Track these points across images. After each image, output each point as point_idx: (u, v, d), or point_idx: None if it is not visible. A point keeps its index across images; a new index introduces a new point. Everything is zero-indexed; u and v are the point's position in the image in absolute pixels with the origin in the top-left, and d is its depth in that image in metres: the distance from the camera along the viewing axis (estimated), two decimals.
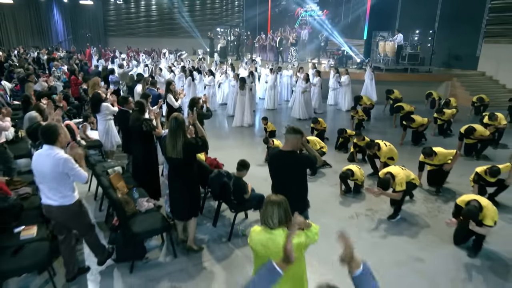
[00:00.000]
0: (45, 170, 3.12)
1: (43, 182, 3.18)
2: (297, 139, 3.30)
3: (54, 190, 3.19)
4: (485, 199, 4.16)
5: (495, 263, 4.08)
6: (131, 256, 3.85)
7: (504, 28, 14.52)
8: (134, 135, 4.61)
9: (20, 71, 11.16)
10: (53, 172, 3.11)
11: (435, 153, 5.72)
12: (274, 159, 3.44)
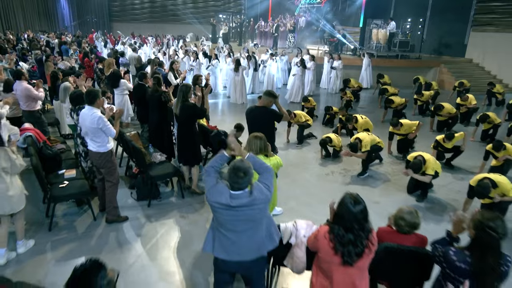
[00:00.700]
0: (86, 124, 4.14)
1: (86, 134, 4.21)
2: (269, 100, 4.35)
3: (93, 139, 4.22)
4: (429, 154, 5.18)
5: (436, 206, 5.15)
6: (149, 195, 4.93)
7: (491, 17, 15.37)
8: (152, 105, 5.62)
9: (38, 52, 12.12)
10: (91, 126, 4.12)
11: (401, 124, 6.74)
12: (249, 112, 4.50)
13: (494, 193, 4.27)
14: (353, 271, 2.21)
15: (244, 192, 2.34)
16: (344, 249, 2.16)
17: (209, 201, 2.40)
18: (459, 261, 2.10)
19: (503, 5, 14.87)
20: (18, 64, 11.86)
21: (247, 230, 2.39)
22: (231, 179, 2.32)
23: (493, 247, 2.02)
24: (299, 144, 7.60)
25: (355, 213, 2.16)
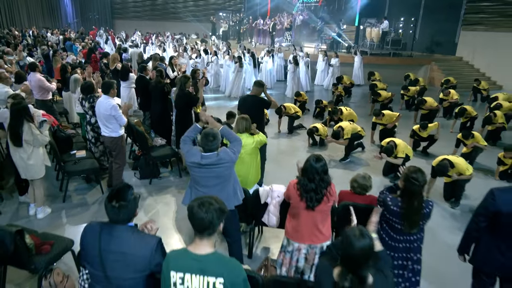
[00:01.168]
0: (101, 111, 4.74)
1: (100, 120, 4.82)
2: (259, 89, 4.94)
3: (106, 125, 4.82)
4: (400, 140, 5.79)
5: None
6: (150, 174, 5.55)
7: (481, 17, 15.93)
8: (155, 95, 6.20)
9: (44, 48, 12.72)
10: (105, 113, 4.73)
11: (383, 114, 7.35)
12: (243, 100, 5.10)
13: (452, 172, 4.88)
14: (315, 214, 2.81)
15: (213, 154, 2.95)
16: (308, 195, 2.76)
17: (187, 162, 3.03)
18: (393, 205, 2.70)
19: (492, 5, 15.43)
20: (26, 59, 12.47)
21: (216, 185, 3.01)
22: (203, 143, 2.93)
23: (416, 193, 2.61)
24: (289, 134, 8.21)
25: (316, 168, 2.75)
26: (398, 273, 2.80)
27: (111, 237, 1.95)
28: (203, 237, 1.77)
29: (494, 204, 2.47)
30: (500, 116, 7.74)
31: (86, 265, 2.04)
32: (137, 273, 1.95)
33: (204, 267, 1.71)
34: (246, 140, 3.82)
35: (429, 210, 2.66)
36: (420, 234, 2.75)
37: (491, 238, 2.57)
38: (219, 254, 1.80)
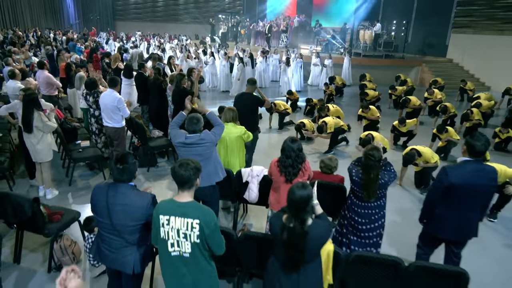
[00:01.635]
0: (106, 103, 5.28)
1: (104, 111, 5.35)
2: (252, 87, 5.46)
3: (110, 116, 5.35)
4: (376, 133, 6.31)
5: None
6: (148, 163, 6.08)
7: (470, 20, 16.48)
8: (153, 91, 6.73)
9: (49, 48, 13.27)
10: (111, 104, 5.26)
11: (369, 108, 7.91)
12: (239, 97, 5.61)
13: (419, 160, 5.40)
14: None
15: (196, 135, 3.48)
16: (286, 170, 3.29)
17: (174, 143, 3.57)
18: (355, 176, 3.23)
19: (480, 8, 15.98)
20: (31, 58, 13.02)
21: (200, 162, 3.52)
22: (188, 125, 3.47)
23: (372, 167, 3.12)
24: (280, 130, 8.74)
25: (292, 147, 3.29)
26: (364, 235, 3.30)
27: (116, 193, 2.48)
28: (184, 190, 2.29)
29: (447, 179, 2.96)
30: (476, 113, 8.26)
31: (96, 217, 2.56)
32: (135, 221, 2.47)
33: (185, 211, 2.23)
34: (232, 129, 4.34)
35: (384, 181, 3.17)
36: (381, 201, 3.27)
37: (444, 208, 3.08)
38: (197, 203, 2.32)
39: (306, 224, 2.19)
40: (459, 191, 2.94)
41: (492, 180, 2.97)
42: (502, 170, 4.67)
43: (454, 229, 3.08)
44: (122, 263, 2.53)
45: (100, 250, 2.60)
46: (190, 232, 2.20)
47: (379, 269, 2.67)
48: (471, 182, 2.91)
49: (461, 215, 3.03)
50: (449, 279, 2.54)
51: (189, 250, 2.24)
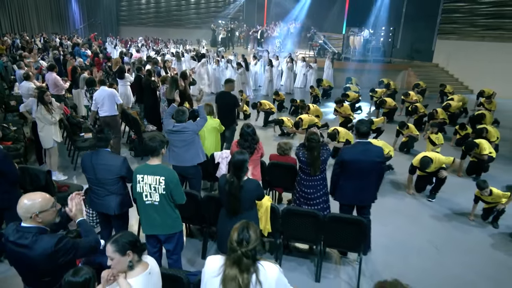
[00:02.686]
0: (105, 94, 6.24)
1: (103, 101, 6.30)
2: (231, 85, 6.37)
3: (106, 106, 6.30)
4: (342, 128, 7.18)
5: None
6: (142, 153, 6.98)
7: (454, 27, 17.36)
8: (146, 89, 7.67)
9: (56, 52, 14.27)
10: (108, 97, 6.22)
11: (342, 104, 8.82)
12: (219, 95, 6.52)
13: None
14: (249, 163, 4.20)
15: (182, 124, 4.38)
16: (244, 148, 4.16)
17: (165, 130, 4.46)
18: (302, 157, 4.11)
19: (463, 16, 16.86)
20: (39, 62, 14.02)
21: (184, 146, 4.44)
22: (175, 116, 4.39)
23: (314, 147, 3.98)
24: (264, 127, 9.64)
25: (248, 132, 4.18)
26: (313, 202, 4.15)
27: (98, 156, 3.48)
28: (154, 156, 3.18)
29: (341, 156, 3.86)
30: (441, 113, 9.11)
31: (86, 174, 3.54)
32: (113, 175, 3.44)
33: (154, 171, 3.12)
34: (208, 120, 5.24)
35: (324, 157, 4.05)
36: (323, 174, 4.15)
37: (343, 179, 3.94)
38: (163, 165, 3.22)
39: (241, 180, 3.08)
40: (351, 166, 3.81)
41: (378, 157, 3.83)
42: (436, 158, 5.55)
43: (353, 196, 3.94)
44: (106, 207, 3.52)
45: (91, 199, 3.62)
46: (158, 185, 3.10)
47: (304, 219, 3.56)
48: (360, 159, 3.77)
49: (356, 185, 3.87)
50: (352, 225, 3.43)
51: (158, 199, 3.14)
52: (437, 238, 4.72)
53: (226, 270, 1.97)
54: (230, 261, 1.96)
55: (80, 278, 1.94)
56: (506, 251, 4.50)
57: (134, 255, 2.09)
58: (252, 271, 1.95)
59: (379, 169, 3.91)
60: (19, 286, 2.44)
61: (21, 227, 2.16)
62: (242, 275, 1.92)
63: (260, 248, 2.01)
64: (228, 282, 1.93)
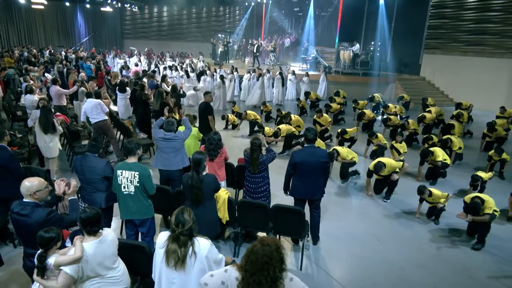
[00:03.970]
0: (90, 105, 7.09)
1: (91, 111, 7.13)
2: (208, 96, 7.19)
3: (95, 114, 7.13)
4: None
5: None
6: None
7: (439, 42, 18.21)
8: (138, 102, 8.50)
9: (60, 66, 15.23)
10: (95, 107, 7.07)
11: (322, 114, 9.60)
12: (200, 105, 7.33)
13: (339, 158, 7.02)
14: (214, 164, 4.96)
15: (171, 133, 5.17)
16: (209, 152, 4.92)
17: (155, 138, 5.26)
18: (246, 157, 4.86)
19: (447, 32, 17.70)
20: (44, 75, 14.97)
21: (172, 152, 5.21)
22: (166, 126, 5.18)
23: (254, 150, 4.72)
24: (249, 136, 10.42)
25: (214, 138, 4.94)
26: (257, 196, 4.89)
27: (85, 160, 4.21)
28: (130, 156, 3.96)
29: (293, 159, 4.62)
30: (412, 124, 9.87)
31: (77, 174, 4.26)
32: (98, 175, 4.15)
33: (130, 167, 3.89)
34: None
35: (263, 159, 4.79)
36: (263, 173, 4.88)
37: (295, 178, 4.69)
38: (138, 163, 3.98)
39: (200, 175, 3.85)
40: (301, 166, 4.58)
41: (323, 158, 4.61)
42: (388, 162, 6.29)
43: (303, 191, 4.70)
44: (94, 202, 4.24)
45: (83, 196, 4.34)
46: (133, 179, 3.87)
47: (255, 209, 4.32)
48: (308, 160, 4.54)
49: (306, 182, 4.63)
50: (293, 214, 4.19)
51: (133, 190, 3.91)
52: (382, 232, 5.43)
53: (168, 245, 2.60)
54: (171, 238, 2.62)
55: (47, 235, 2.67)
56: (440, 244, 5.20)
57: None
58: (188, 245, 2.59)
59: (324, 168, 4.66)
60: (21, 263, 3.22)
61: (22, 202, 2.95)
62: (180, 249, 2.57)
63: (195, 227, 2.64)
64: (170, 254, 2.58)
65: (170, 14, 34.65)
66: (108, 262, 2.81)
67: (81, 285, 2.75)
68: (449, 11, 17.65)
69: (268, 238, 2.16)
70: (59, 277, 2.62)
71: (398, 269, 4.57)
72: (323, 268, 4.49)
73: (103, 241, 2.77)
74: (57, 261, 2.62)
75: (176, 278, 2.60)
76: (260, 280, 2.04)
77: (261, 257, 2.05)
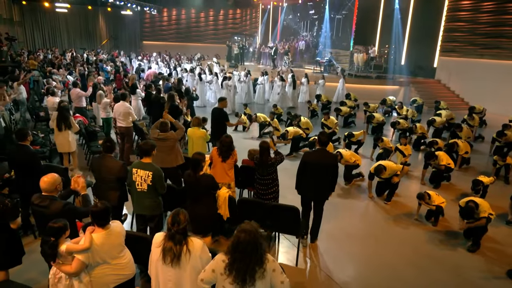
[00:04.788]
0: (121, 110, 7.48)
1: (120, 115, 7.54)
2: (224, 102, 7.52)
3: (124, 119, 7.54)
4: None
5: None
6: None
7: (454, 45, 18.07)
8: (155, 104, 8.92)
9: (81, 68, 15.90)
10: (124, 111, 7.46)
11: (328, 116, 9.84)
12: (214, 110, 7.66)
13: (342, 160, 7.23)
14: (225, 165, 5.25)
15: (165, 133, 5.51)
16: (222, 154, 5.22)
17: (151, 137, 5.61)
18: (255, 160, 5.15)
19: (463, 35, 17.58)
20: (67, 77, 15.66)
21: (166, 151, 5.56)
22: (160, 126, 5.52)
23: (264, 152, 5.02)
24: (259, 137, 10.72)
25: (226, 141, 5.21)
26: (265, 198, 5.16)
27: (103, 159, 4.57)
28: (146, 156, 4.32)
29: (303, 159, 4.89)
30: (419, 127, 9.96)
31: (93, 173, 4.64)
32: (112, 175, 4.50)
33: (145, 167, 4.24)
34: (196, 131, 6.39)
35: (272, 162, 5.07)
36: (272, 175, 5.15)
37: (305, 178, 4.94)
38: (152, 163, 4.33)
39: (197, 173, 4.18)
40: (310, 167, 4.83)
41: (333, 160, 4.84)
42: (389, 166, 6.47)
43: (308, 191, 4.97)
44: (108, 199, 4.56)
45: (97, 193, 4.70)
46: (146, 178, 4.23)
47: (254, 206, 4.61)
48: (318, 161, 4.79)
49: (314, 182, 4.88)
50: (289, 211, 4.46)
51: (146, 188, 4.27)
52: (380, 233, 5.63)
53: (165, 243, 2.82)
54: (167, 236, 2.86)
55: (56, 225, 3.02)
56: (435, 245, 5.36)
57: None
58: (183, 244, 2.82)
59: (332, 172, 4.89)
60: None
61: (41, 195, 3.34)
62: (176, 246, 2.81)
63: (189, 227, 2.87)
64: (167, 252, 2.82)
65: (188, 17, 35.29)
66: (115, 251, 3.15)
67: (91, 269, 3.10)
68: (465, 14, 17.53)
69: (247, 225, 2.47)
70: (73, 263, 2.99)
71: (391, 268, 4.77)
72: (318, 264, 4.74)
73: (111, 233, 3.11)
74: (67, 248, 2.98)
75: (172, 275, 2.85)
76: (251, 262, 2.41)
77: (250, 243, 2.40)
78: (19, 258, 3.78)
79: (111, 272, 3.14)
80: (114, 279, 3.18)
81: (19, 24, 28.26)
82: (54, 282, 3.14)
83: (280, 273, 2.54)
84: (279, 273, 2.53)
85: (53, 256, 2.98)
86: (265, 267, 2.43)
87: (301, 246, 4.99)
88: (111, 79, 14.52)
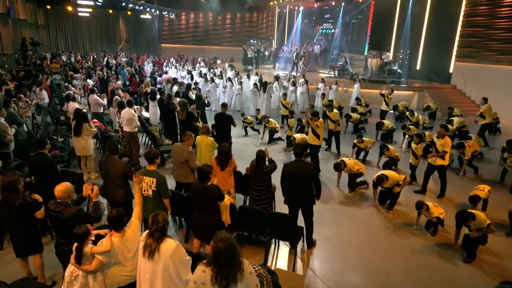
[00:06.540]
0: (126, 116, 7.87)
1: (122, 122, 7.94)
2: (224, 108, 7.83)
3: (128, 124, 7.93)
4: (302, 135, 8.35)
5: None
6: None
7: (470, 51, 17.87)
8: (166, 110, 9.31)
9: (100, 73, 16.50)
10: (128, 117, 7.86)
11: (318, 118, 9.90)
12: (217, 115, 7.99)
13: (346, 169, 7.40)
14: (225, 173, 5.55)
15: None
16: (220, 163, 5.52)
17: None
18: (251, 168, 5.41)
19: (480, 40, 17.37)
20: (86, 81, 16.29)
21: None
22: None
23: (260, 161, 5.30)
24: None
25: (224, 150, 5.52)
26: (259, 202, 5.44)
27: (110, 160, 4.97)
28: (150, 163, 4.64)
29: (283, 170, 5.17)
30: (428, 135, 9.99)
31: (100, 172, 5.00)
32: (119, 173, 4.88)
33: (150, 173, 4.58)
34: (204, 138, 6.66)
35: (267, 170, 5.34)
36: (267, 182, 5.43)
37: (288, 187, 5.21)
38: (156, 170, 4.65)
39: (205, 183, 4.46)
40: (290, 177, 5.13)
41: (309, 170, 5.13)
42: (391, 175, 6.62)
43: (294, 200, 5.23)
44: (115, 197, 4.96)
45: (105, 192, 5.06)
46: (151, 184, 4.55)
47: (254, 214, 4.87)
48: (296, 172, 5.08)
49: (296, 191, 5.17)
50: (286, 220, 4.71)
51: (151, 193, 4.59)
52: (377, 241, 5.80)
53: (145, 240, 3.17)
54: (147, 234, 3.21)
55: (79, 231, 3.36)
56: (431, 255, 5.49)
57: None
58: (160, 241, 3.12)
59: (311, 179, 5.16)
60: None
61: (57, 202, 3.71)
62: (153, 243, 3.15)
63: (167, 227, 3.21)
64: (146, 247, 3.13)
65: (205, 20, 35.84)
66: (129, 254, 3.48)
67: (106, 269, 3.45)
68: (481, 19, 17.31)
69: (222, 234, 2.76)
70: (93, 262, 3.37)
71: (384, 275, 4.95)
72: (314, 270, 4.96)
73: (125, 239, 3.45)
74: (92, 250, 3.36)
75: (149, 268, 3.18)
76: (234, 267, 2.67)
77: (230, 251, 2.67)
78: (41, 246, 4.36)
79: (123, 273, 3.48)
80: (125, 279, 3.53)
81: (43, 28, 29.38)
82: (70, 279, 3.49)
83: (255, 276, 2.83)
84: (254, 276, 2.82)
85: (79, 258, 3.33)
86: (242, 271, 2.69)
87: (299, 252, 5.22)
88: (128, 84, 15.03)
